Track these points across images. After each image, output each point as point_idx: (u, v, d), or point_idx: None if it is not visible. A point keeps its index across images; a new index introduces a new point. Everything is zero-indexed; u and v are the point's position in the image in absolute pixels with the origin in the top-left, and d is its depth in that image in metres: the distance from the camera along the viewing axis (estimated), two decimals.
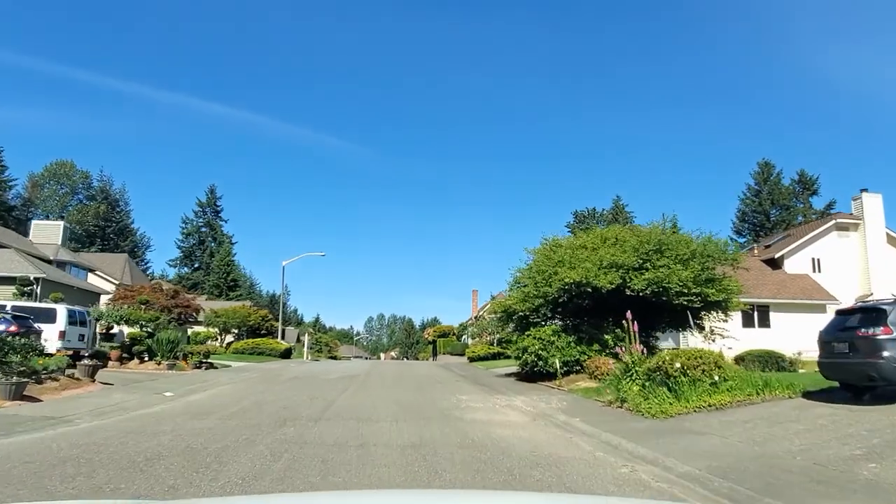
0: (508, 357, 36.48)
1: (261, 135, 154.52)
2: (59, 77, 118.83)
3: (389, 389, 16.44)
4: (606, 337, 16.46)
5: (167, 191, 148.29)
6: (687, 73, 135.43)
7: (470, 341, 61.03)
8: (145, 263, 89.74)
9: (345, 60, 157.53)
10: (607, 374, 13.71)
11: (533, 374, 17.73)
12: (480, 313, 62.17)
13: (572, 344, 16.68)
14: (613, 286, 15.96)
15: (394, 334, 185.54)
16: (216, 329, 38.29)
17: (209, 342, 34.53)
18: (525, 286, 18.51)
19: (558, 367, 15.99)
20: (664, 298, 16.18)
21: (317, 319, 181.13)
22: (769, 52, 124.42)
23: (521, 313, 18.80)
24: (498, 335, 35.51)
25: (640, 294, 15.98)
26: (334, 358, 66.36)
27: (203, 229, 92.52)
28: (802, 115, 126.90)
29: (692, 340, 20.38)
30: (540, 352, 16.86)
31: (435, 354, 69.52)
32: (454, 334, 72.12)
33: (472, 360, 36.51)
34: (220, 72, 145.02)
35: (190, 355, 22.44)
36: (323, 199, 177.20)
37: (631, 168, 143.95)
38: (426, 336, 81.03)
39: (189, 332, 46.06)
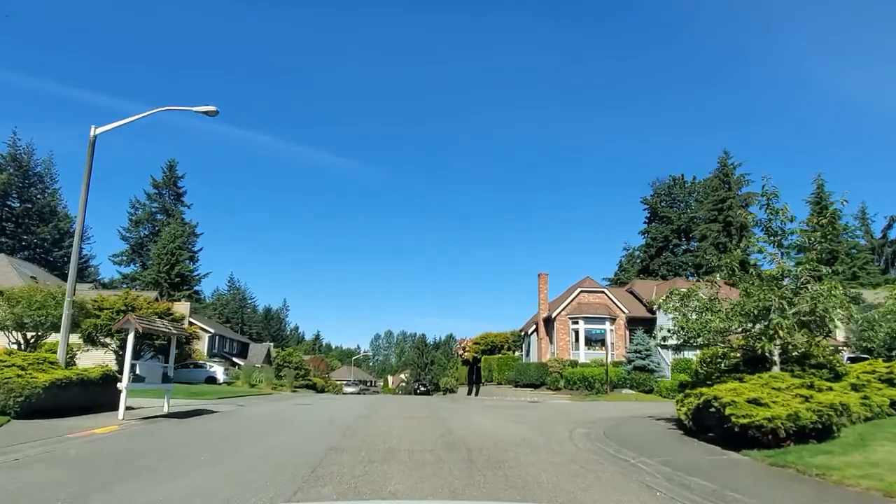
0: None
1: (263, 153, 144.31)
2: None
3: None
4: None
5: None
6: None
7: (545, 357, 36.53)
8: (80, 259, 66.77)
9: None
10: None
11: None
12: (557, 312, 39.19)
13: None
14: None
15: (403, 353, 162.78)
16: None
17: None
18: None
19: None
20: None
21: (317, 337, 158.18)
22: None
23: None
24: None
25: None
26: (313, 387, 39.30)
27: (158, 216, 69.89)
28: None
29: None
30: None
31: (477, 382, 44.75)
32: (508, 347, 47.48)
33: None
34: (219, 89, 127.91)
35: None
36: (320, 213, 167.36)
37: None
38: (461, 351, 53.46)
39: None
